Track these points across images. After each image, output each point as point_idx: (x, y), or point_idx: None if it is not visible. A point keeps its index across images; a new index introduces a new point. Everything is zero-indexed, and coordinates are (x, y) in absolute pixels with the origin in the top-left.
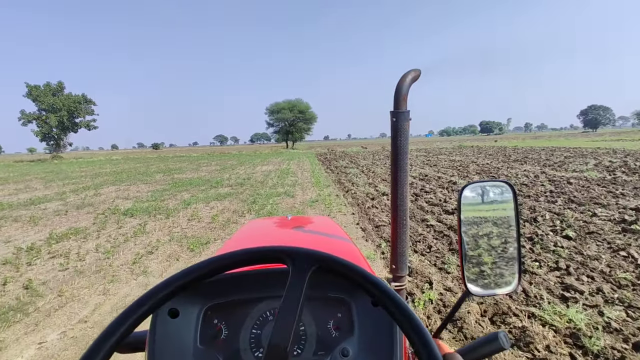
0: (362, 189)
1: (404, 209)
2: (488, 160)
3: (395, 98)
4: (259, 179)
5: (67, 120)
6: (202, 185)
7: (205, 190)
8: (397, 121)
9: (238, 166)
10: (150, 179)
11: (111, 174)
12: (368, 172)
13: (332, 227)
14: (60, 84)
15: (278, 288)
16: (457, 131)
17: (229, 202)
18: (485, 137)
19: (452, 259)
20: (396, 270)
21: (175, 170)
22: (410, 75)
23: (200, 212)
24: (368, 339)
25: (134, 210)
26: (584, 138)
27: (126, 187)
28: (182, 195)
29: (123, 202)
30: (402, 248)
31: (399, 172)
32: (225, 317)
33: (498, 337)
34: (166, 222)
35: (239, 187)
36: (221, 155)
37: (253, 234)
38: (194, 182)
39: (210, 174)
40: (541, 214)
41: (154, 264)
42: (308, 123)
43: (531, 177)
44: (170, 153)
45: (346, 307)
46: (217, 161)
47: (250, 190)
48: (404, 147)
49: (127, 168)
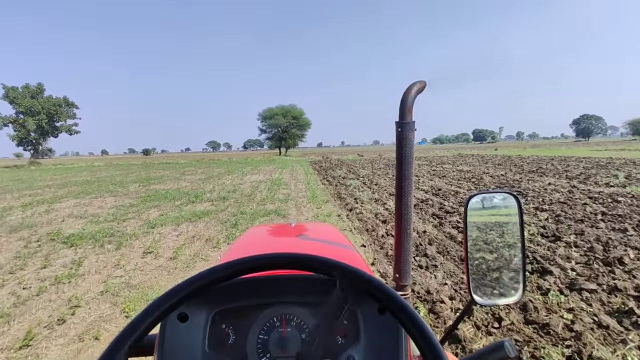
0: (369, 207)
1: (407, 218)
2: (500, 170)
3: (401, 109)
4: (246, 192)
5: (46, 124)
6: (179, 199)
7: (180, 206)
8: (402, 131)
9: (225, 175)
10: (122, 190)
11: (82, 183)
12: (371, 185)
13: (336, 234)
14: (40, 86)
15: (286, 294)
16: (449, 139)
17: (204, 224)
18: (479, 146)
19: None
20: (400, 279)
21: (155, 179)
22: (416, 86)
23: (163, 241)
24: (374, 346)
25: (79, 236)
26: (585, 147)
27: (89, 201)
28: (150, 214)
29: (73, 223)
30: (406, 257)
31: (404, 181)
32: (233, 322)
33: (504, 345)
34: (113, 256)
35: (221, 202)
36: (210, 162)
37: (257, 240)
38: (170, 194)
39: (193, 184)
40: (624, 250)
41: (56, 348)
42: (302, 129)
43: (564, 192)
44: (159, 159)
45: (352, 314)
46: (204, 169)
47: (234, 207)
48: (408, 157)
49: (103, 176)
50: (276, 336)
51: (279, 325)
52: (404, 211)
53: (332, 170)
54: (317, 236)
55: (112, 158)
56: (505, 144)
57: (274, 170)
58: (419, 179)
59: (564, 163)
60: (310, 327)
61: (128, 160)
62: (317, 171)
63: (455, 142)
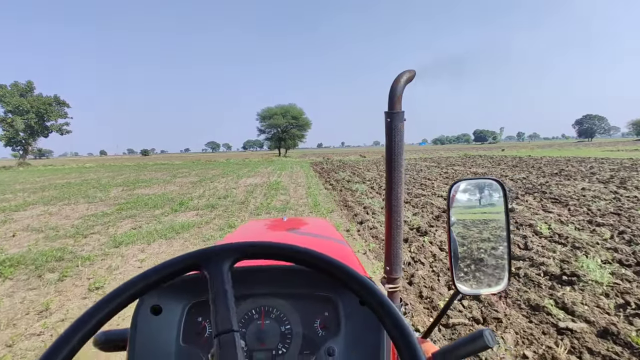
0: (383, 220)
1: (398, 210)
2: (518, 172)
3: (390, 98)
4: (239, 198)
5: (35, 123)
6: (160, 207)
7: (159, 216)
8: (391, 121)
9: (219, 178)
10: (101, 195)
11: (62, 187)
12: (380, 190)
13: (328, 228)
14: (30, 84)
15: (265, 285)
16: (450, 140)
17: (181, 243)
18: (481, 146)
19: None
20: (390, 272)
21: (142, 182)
22: (405, 75)
23: (122, 269)
24: (354, 338)
25: (17, 260)
26: (595, 148)
27: (58, 209)
28: (120, 227)
29: (24, 239)
30: (396, 249)
31: (394, 172)
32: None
33: (483, 334)
34: (47, 294)
35: (209, 211)
36: (207, 163)
37: (247, 236)
38: (152, 201)
39: (182, 188)
40: None
41: None
42: (302, 130)
43: (608, 199)
44: (155, 160)
45: (333, 305)
46: (198, 170)
47: (222, 218)
48: (398, 148)
49: (90, 179)
50: (254, 329)
51: (257, 318)
52: (394, 203)
53: (335, 173)
54: (309, 230)
55: (109, 159)
56: (508, 145)
57: (272, 172)
58: (432, 183)
59: (584, 164)
60: (291, 319)
61: (123, 162)
62: (318, 173)
63: (456, 142)
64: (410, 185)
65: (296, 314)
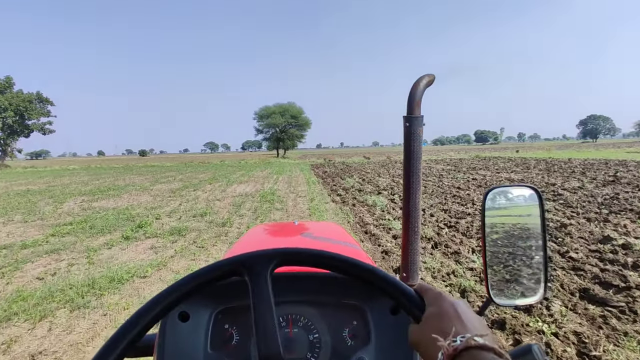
0: (429, 261)
1: (416, 215)
2: (569, 181)
3: (409, 103)
4: (219, 217)
5: (14, 122)
6: (110, 232)
7: (99, 249)
8: (410, 126)
9: (206, 184)
10: (49, 209)
11: (14, 195)
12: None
13: (340, 232)
14: (9, 79)
15: (293, 293)
16: (450, 140)
17: (100, 315)
18: (484, 147)
19: None
20: (407, 278)
21: (113, 190)
22: (425, 80)
23: None
24: (385, 348)
25: None
26: (614, 150)
27: None
28: (26, 271)
29: None
30: (414, 255)
31: (412, 177)
32: (236, 322)
33: (532, 349)
34: None
35: (172, 240)
36: (199, 165)
37: (259, 239)
38: (104, 221)
39: (155, 198)
40: None
41: None
42: (301, 129)
43: None
44: (151, 161)
45: (361, 314)
46: (187, 174)
47: (186, 254)
48: (417, 153)
49: (58, 184)
50: (282, 337)
51: (285, 326)
52: (412, 208)
53: (341, 178)
54: (320, 234)
55: (104, 159)
56: (513, 145)
57: (268, 176)
58: (468, 195)
59: (624, 168)
60: (319, 328)
61: (112, 163)
62: (321, 179)
63: (457, 143)
64: (439, 196)
65: (324, 322)
